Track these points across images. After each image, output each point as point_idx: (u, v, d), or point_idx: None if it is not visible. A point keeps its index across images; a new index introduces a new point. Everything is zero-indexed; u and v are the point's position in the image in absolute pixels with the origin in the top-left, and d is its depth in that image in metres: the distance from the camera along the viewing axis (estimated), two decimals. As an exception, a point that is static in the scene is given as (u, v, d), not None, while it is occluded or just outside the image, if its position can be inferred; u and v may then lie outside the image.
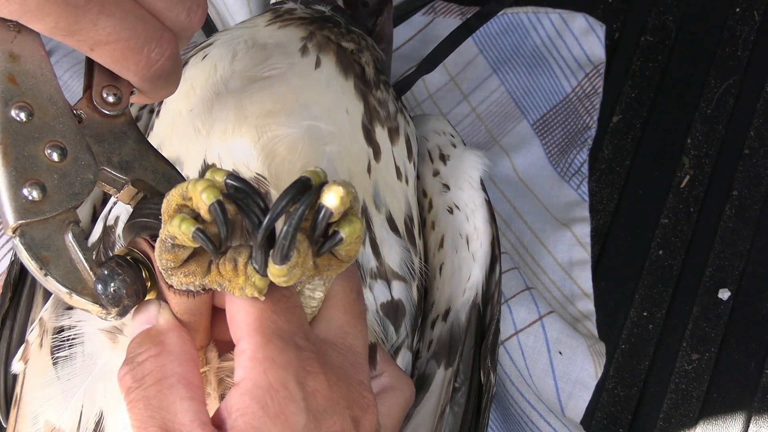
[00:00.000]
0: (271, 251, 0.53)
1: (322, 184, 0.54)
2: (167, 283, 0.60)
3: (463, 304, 0.95)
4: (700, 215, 1.31)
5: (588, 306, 1.26)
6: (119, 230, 0.89)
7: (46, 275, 0.57)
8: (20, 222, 0.56)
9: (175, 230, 0.55)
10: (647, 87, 1.36)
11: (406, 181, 0.99)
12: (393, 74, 1.21)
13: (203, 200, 0.54)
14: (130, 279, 0.59)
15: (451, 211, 1.00)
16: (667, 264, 1.29)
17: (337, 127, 0.93)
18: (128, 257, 0.61)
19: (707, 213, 1.31)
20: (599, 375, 1.20)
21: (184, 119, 0.94)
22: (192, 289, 0.59)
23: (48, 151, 0.58)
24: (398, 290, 0.91)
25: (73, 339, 0.83)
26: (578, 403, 1.19)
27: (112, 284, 0.58)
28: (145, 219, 0.63)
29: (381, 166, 0.96)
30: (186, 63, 1.01)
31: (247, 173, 0.87)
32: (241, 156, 0.89)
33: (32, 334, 0.86)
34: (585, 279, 1.26)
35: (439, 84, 1.32)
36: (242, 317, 0.58)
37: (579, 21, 1.34)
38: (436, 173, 1.03)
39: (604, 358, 1.21)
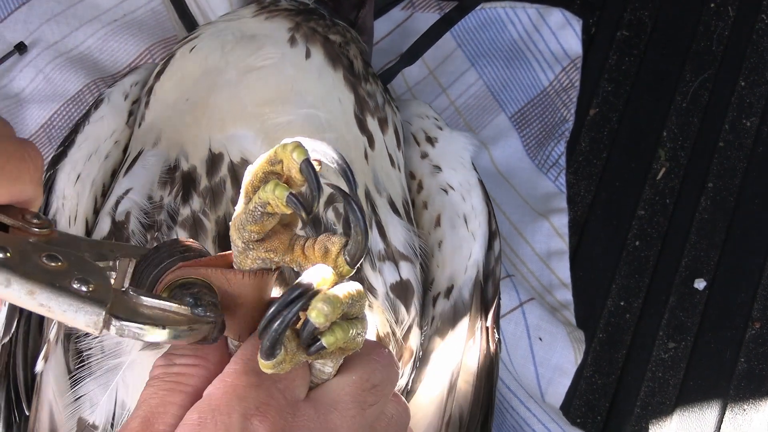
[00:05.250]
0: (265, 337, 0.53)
1: (316, 293, 0.53)
2: (233, 262, 0.60)
3: (466, 282, 0.97)
4: (676, 207, 1.33)
5: (566, 295, 1.27)
6: (132, 226, 0.89)
7: (175, 337, 0.58)
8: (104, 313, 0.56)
9: (269, 195, 0.55)
10: (623, 81, 1.38)
11: (399, 168, 1.01)
12: (373, 67, 1.22)
13: (294, 159, 0.55)
14: (208, 297, 0.59)
15: (446, 192, 1.01)
16: (644, 254, 1.31)
17: (333, 116, 0.95)
18: (177, 285, 0.61)
19: (683, 204, 1.33)
20: (579, 361, 1.21)
21: (181, 109, 0.95)
22: (265, 266, 0.59)
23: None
24: (406, 270, 0.93)
25: (93, 338, 0.84)
26: (558, 389, 1.20)
27: (200, 308, 0.58)
28: (162, 262, 0.62)
29: (376, 153, 0.98)
30: (173, 55, 1.02)
31: (254, 161, 0.89)
32: (247, 145, 0.90)
33: (52, 332, 0.87)
34: (563, 269, 1.28)
35: (418, 77, 1.33)
36: (243, 346, 0.59)
37: (556, 15, 1.36)
38: (424, 155, 1.05)
39: (584, 345, 1.22)
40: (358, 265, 0.54)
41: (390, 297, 0.91)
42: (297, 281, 0.54)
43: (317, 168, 0.56)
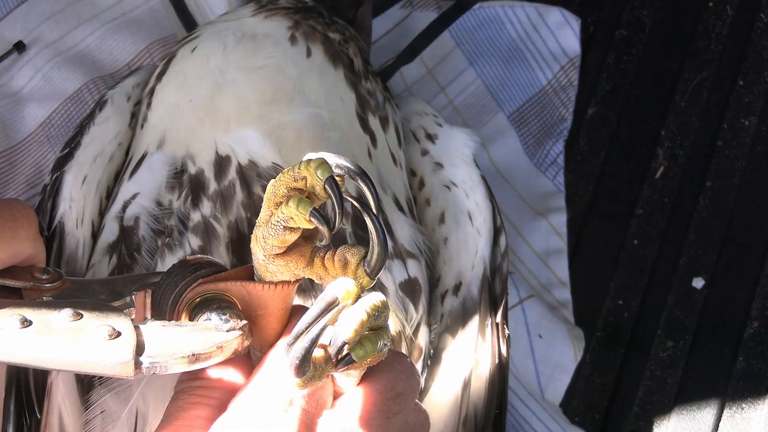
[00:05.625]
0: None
1: (342, 307, 0.54)
2: (255, 275, 0.61)
3: (474, 279, 0.97)
4: (675, 206, 1.33)
5: (564, 294, 1.27)
6: (142, 231, 0.89)
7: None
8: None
9: (292, 211, 0.56)
10: (622, 80, 1.38)
11: (401, 166, 1.01)
12: (372, 65, 1.22)
13: (318, 177, 0.56)
14: (230, 308, 0.60)
15: (449, 188, 1.01)
16: (642, 253, 1.31)
17: (336, 115, 0.95)
18: (197, 303, 0.62)
19: (681, 203, 1.33)
20: (578, 359, 1.21)
21: (184, 110, 0.95)
22: (285, 278, 0.60)
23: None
24: (413, 268, 0.93)
25: None
26: (557, 386, 1.20)
27: (223, 319, 0.59)
28: (177, 285, 0.63)
29: (379, 152, 0.98)
30: (174, 56, 1.02)
31: (263, 163, 0.89)
32: (254, 146, 0.90)
33: None
34: (561, 268, 1.28)
35: (417, 76, 1.33)
36: (266, 358, 0.60)
37: (554, 14, 1.36)
38: (425, 152, 1.05)
39: (584, 342, 1.22)
40: (378, 275, 0.54)
41: (399, 295, 0.91)
42: (321, 296, 0.54)
43: (340, 183, 0.57)
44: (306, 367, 0.53)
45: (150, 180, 0.92)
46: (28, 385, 0.86)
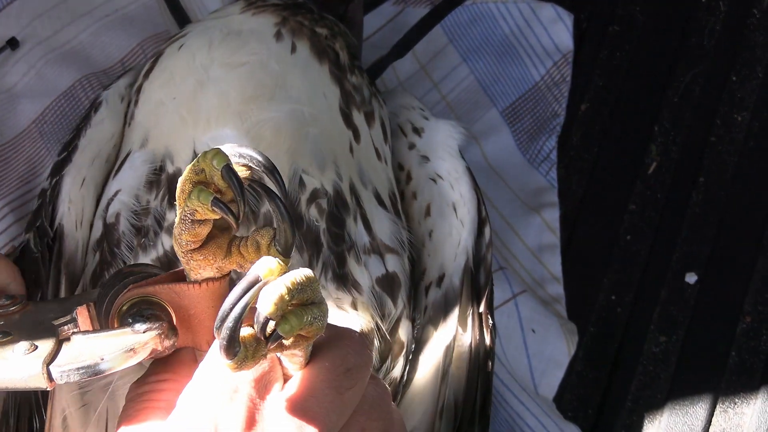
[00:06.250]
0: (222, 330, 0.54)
1: (264, 284, 0.54)
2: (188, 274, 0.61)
3: (456, 269, 0.98)
4: (668, 201, 1.33)
5: (557, 289, 1.27)
6: (122, 227, 0.90)
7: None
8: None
9: (195, 203, 0.57)
10: (615, 76, 1.38)
11: (385, 161, 1.01)
12: (364, 62, 1.22)
13: (214, 166, 0.56)
14: (148, 311, 0.61)
15: (434, 181, 1.02)
16: (635, 249, 1.31)
17: (317, 110, 0.95)
18: (125, 310, 0.62)
19: (674, 199, 1.34)
20: (572, 353, 1.22)
21: (168, 108, 0.95)
22: (210, 275, 0.60)
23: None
24: (392, 263, 0.93)
25: None
26: (551, 380, 1.21)
27: (138, 323, 0.60)
28: (108, 294, 0.64)
29: (362, 147, 0.98)
30: (161, 54, 1.02)
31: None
32: (230, 143, 0.90)
33: None
34: (554, 263, 1.28)
35: (410, 72, 1.33)
36: (208, 353, 0.60)
37: (547, 10, 1.36)
38: (411, 146, 1.05)
39: (577, 337, 1.23)
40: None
41: (376, 290, 0.91)
42: (245, 276, 0.54)
43: (247, 172, 0.57)
44: (235, 348, 0.53)
45: (131, 177, 0.92)
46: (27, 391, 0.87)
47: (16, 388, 0.58)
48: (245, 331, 0.53)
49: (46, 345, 0.59)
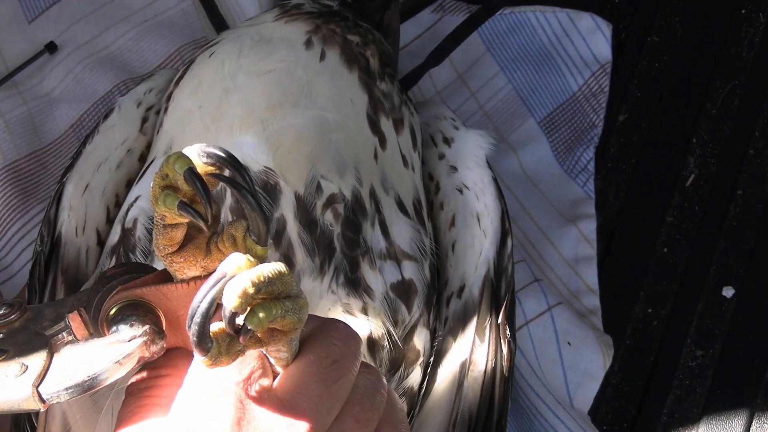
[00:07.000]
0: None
1: (228, 278, 0.53)
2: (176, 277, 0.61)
3: (476, 280, 0.97)
4: (705, 214, 1.32)
5: (594, 302, 1.27)
6: (139, 232, 0.90)
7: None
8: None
9: (162, 208, 0.56)
10: (653, 86, 1.37)
11: (413, 169, 1.01)
12: (400, 71, 1.22)
13: (176, 170, 0.56)
14: (134, 315, 0.60)
15: (461, 191, 1.02)
16: (672, 261, 1.30)
17: (343, 117, 0.95)
18: (114, 313, 0.62)
19: (712, 211, 1.33)
20: (607, 366, 1.21)
21: (194, 116, 0.96)
22: (196, 274, 0.60)
23: None
24: (409, 270, 0.93)
25: None
26: (586, 393, 1.20)
27: (124, 329, 0.59)
28: (96, 297, 0.63)
29: (387, 153, 0.98)
30: (193, 61, 1.03)
31: (255, 167, 0.89)
32: (249, 150, 0.90)
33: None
34: (591, 275, 1.27)
35: (447, 81, 1.33)
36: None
37: (586, 20, 1.35)
38: (441, 156, 1.05)
39: (612, 350, 1.22)
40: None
41: (390, 296, 0.91)
42: (212, 273, 0.54)
43: (212, 170, 0.57)
44: (207, 344, 0.52)
45: (151, 184, 0.93)
46: None
47: (12, 411, 0.58)
48: (216, 327, 0.53)
49: (37, 363, 0.58)
